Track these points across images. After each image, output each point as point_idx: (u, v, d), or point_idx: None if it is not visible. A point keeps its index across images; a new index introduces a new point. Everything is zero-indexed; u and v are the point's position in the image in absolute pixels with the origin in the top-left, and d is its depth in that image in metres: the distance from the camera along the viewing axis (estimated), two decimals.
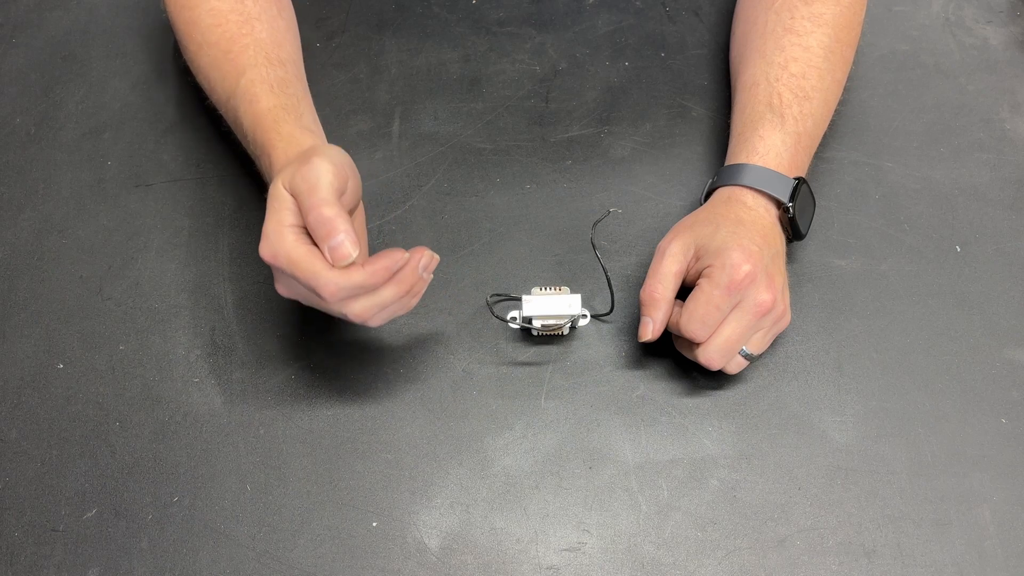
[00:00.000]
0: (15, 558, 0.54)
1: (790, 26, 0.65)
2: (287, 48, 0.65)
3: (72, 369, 0.60)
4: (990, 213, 0.68)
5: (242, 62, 0.61)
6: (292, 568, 0.54)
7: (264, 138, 0.56)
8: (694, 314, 0.54)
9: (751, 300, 0.55)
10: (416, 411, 0.59)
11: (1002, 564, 0.54)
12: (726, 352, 0.55)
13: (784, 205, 0.59)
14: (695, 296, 0.55)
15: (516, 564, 0.54)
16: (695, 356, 0.56)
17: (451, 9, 0.79)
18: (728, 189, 0.60)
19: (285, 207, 0.49)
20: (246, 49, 0.61)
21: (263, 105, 0.58)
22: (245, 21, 0.63)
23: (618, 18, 0.79)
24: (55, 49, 0.77)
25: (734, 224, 0.57)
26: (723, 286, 0.54)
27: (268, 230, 0.49)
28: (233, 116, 0.61)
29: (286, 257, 0.48)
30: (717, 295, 0.54)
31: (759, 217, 0.58)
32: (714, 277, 0.54)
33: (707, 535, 0.55)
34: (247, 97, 0.59)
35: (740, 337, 0.55)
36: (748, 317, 0.55)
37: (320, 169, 0.48)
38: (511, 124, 0.72)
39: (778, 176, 0.59)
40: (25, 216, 0.67)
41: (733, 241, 0.55)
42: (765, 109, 0.62)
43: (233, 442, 0.58)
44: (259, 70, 0.60)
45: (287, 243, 0.48)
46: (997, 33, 0.79)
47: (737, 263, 0.54)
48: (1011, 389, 0.60)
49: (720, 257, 0.54)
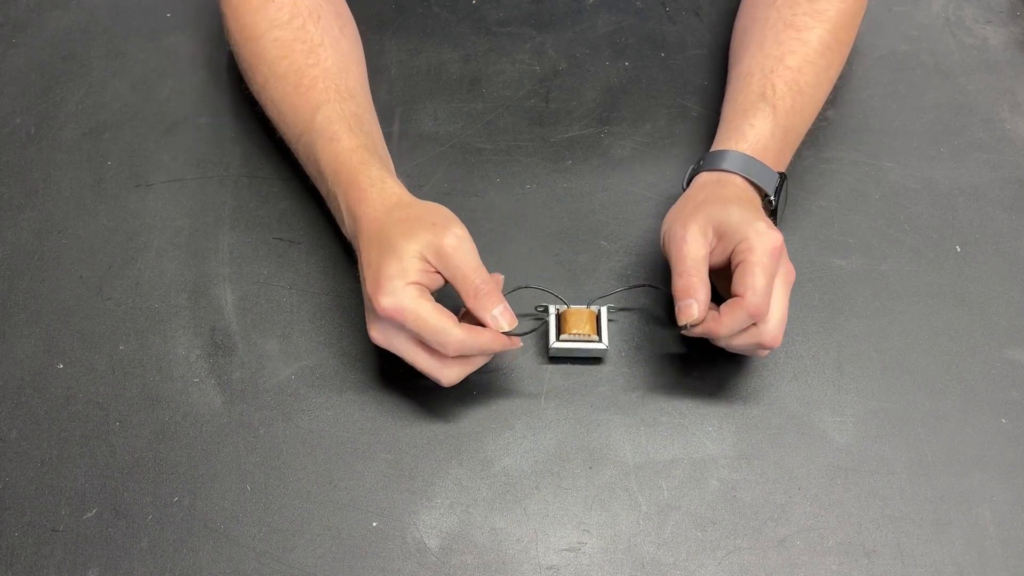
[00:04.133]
0: (15, 558, 0.54)
1: (791, 21, 0.65)
2: (354, 73, 0.65)
3: (72, 369, 0.60)
4: (990, 213, 0.68)
5: (314, 97, 0.61)
6: (292, 568, 0.54)
7: (350, 179, 0.58)
8: (756, 288, 0.52)
9: (783, 270, 0.54)
10: (416, 411, 0.59)
11: (1002, 564, 0.54)
12: (782, 323, 0.54)
13: (767, 197, 0.59)
14: (747, 271, 0.52)
15: (516, 564, 0.54)
16: (756, 340, 0.54)
17: (451, 9, 0.79)
18: (716, 173, 0.59)
19: (414, 268, 0.52)
20: (315, 82, 0.62)
21: (344, 145, 0.59)
22: (311, 51, 0.63)
23: (618, 18, 0.79)
24: (55, 49, 0.77)
25: (738, 201, 0.56)
26: (769, 252, 0.52)
27: (394, 286, 0.52)
28: (307, 152, 0.62)
29: (413, 312, 0.51)
30: (768, 262, 0.52)
31: (753, 197, 0.58)
32: (756, 248, 0.52)
33: (707, 535, 0.55)
34: (326, 135, 0.59)
35: (787, 307, 0.54)
36: (786, 288, 0.54)
37: (468, 246, 0.54)
38: (511, 124, 0.72)
39: (762, 166, 0.59)
40: (25, 216, 0.67)
41: (751, 213, 0.54)
42: (758, 99, 0.62)
43: (233, 442, 0.58)
44: (333, 107, 0.61)
45: (413, 298, 0.52)
46: (997, 33, 0.79)
47: (769, 230, 0.53)
48: (1011, 389, 0.60)
49: (751, 227, 0.53)
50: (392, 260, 0.52)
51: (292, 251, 0.65)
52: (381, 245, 0.54)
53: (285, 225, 0.67)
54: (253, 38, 0.64)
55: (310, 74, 0.62)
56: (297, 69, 0.62)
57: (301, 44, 0.63)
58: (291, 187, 0.68)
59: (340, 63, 0.64)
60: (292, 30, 0.64)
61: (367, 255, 0.54)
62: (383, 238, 0.54)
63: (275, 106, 0.64)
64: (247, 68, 0.66)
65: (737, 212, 0.54)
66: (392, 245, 0.53)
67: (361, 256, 0.55)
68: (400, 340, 0.54)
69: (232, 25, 0.66)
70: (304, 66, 0.62)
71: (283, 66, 0.63)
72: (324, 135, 0.60)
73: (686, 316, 0.54)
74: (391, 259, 0.52)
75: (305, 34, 0.64)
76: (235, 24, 0.66)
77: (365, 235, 0.55)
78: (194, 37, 0.77)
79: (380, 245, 0.54)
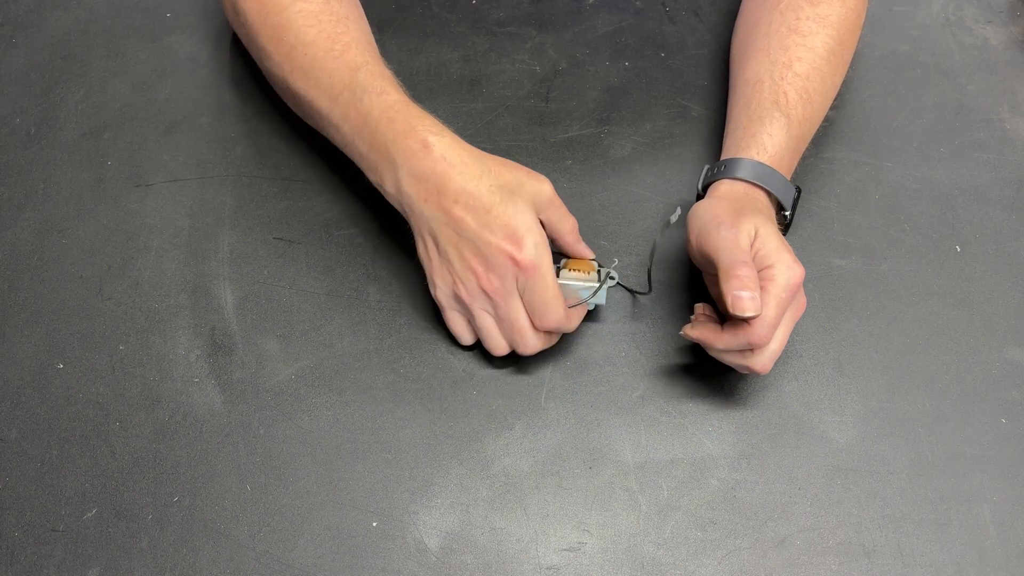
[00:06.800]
0: (15, 558, 0.54)
1: (795, 26, 0.65)
2: (376, 47, 0.64)
3: (72, 369, 0.60)
4: (990, 213, 0.68)
5: (351, 59, 0.60)
6: (292, 568, 0.54)
7: (408, 124, 0.56)
8: (765, 319, 0.52)
9: (796, 304, 0.55)
10: (416, 411, 0.59)
11: (1002, 564, 0.54)
12: (777, 354, 0.54)
13: (782, 212, 0.60)
14: (763, 300, 0.52)
15: (516, 564, 0.54)
16: (747, 363, 0.54)
17: (451, 9, 0.79)
18: (742, 184, 0.59)
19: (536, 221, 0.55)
20: (349, 47, 0.61)
21: (395, 97, 0.58)
22: (339, 20, 0.63)
23: (618, 18, 0.79)
24: (55, 49, 0.77)
25: (770, 221, 0.56)
26: (788, 288, 0.53)
27: (535, 239, 0.53)
28: (347, 110, 0.59)
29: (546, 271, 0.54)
30: (784, 297, 0.53)
31: (771, 214, 0.59)
32: (778, 280, 0.53)
33: (707, 535, 0.55)
34: (373, 90, 0.58)
35: (786, 339, 0.55)
36: (792, 320, 0.55)
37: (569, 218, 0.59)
38: (511, 124, 0.72)
39: (784, 180, 0.60)
40: (25, 216, 0.67)
41: (781, 241, 0.55)
42: (772, 107, 0.62)
43: (233, 442, 0.58)
44: (373, 67, 0.60)
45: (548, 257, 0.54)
46: (997, 33, 0.79)
47: (794, 264, 0.53)
48: (1011, 389, 0.60)
49: (780, 257, 0.53)
50: (522, 209, 0.54)
51: (292, 251, 0.65)
52: (499, 193, 0.54)
53: (285, 225, 0.67)
54: (276, 11, 0.63)
55: (342, 40, 0.61)
56: (328, 35, 0.62)
57: (328, 15, 0.63)
58: (291, 187, 0.68)
59: (367, 36, 0.64)
60: (317, 3, 0.63)
61: (478, 199, 0.53)
62: (498, 184, 0.54)
63: (304, 73, 0.62)
64: (268, 42, 0.64)
65: (773, 235, 0.55)
66: (512, 193, 0.54)
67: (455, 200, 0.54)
68: (515, 295, 0.55)
69: (248, 4, 0.65)
70: (335, 33, 0.62)
71: (312, 33, 0.62)
72: (372, 90, 0.58)
73: (752, 308, 0.51)
74: (520, 208, 0.54)
75: (330, 7, 0.63)
76: (252, 3, 0.65)
77: (459, 175, 0.54)
78: (194, 37, 0.77)
79: (495, 193, 0.54)
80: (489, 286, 0.54)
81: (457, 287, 0.56)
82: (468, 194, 0.54)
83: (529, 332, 0.56)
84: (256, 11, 0.65)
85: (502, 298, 0.55)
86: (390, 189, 0.58)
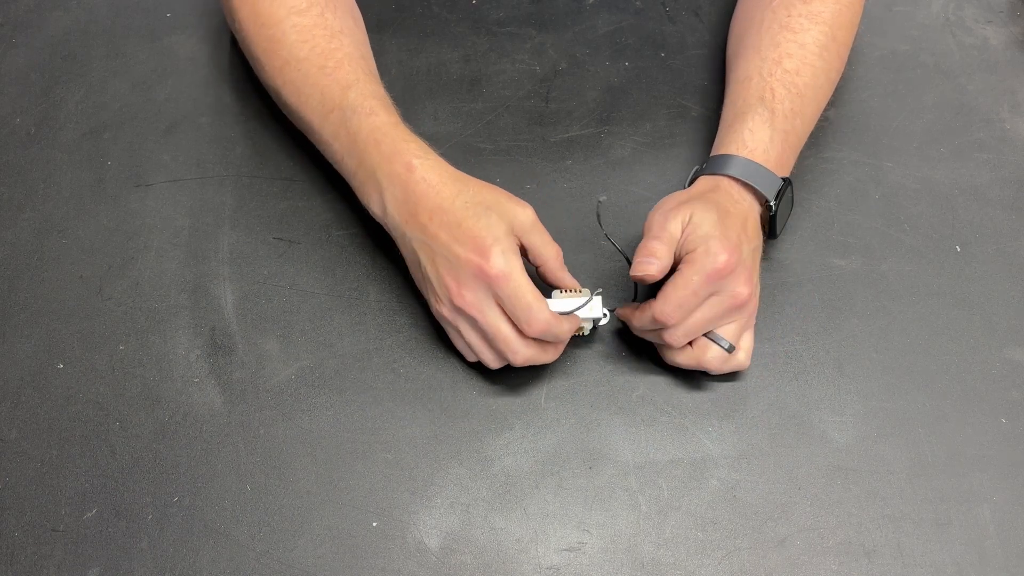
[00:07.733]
0: (15, 558, 0.54)
1: (786, 23, 0.65)
2: (371, 61, 0.65)
3: (72, 369, 0.60)
4: (990, 213, 0.68)
5: (342, 77, 0.61)
6: (292, 568, 0.54)
7: (394, 148, 0.57)
8: (671, 297, 0.54)
9: (728, 291, 0.55)
10: (416, 411, 0.59)
11: (1002, 564, 0.54)
12: (691, 333, 0.56)
13: (767, 203, 0.59)
14: (674, 280, 0.55)
15: (516, 564, 0.54)
16: (661, 339, 0.56)
17: (451, 9, 0.79)
18: (715, 178, 0.60)
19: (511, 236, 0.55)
20: (341, 64, 0.61)
21: (383, 119, 0.59)
22: (332, 36, 0.63)
23: (618, 18, 0.79)
24: (55, 49, 0.77)
25: (722, 214, 0.56)
26: (704, 273, 0.54)
27: (503, 248, 0.53)
28: (337, 129, 0.60)
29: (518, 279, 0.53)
30: (696, 281, 0.54)
31: (743, 211, 0.58)
32: (696, 263, 0.54)
33: (707, 535, 0.55)
34: (362, 110, 0.59)
35: (708, 322, 0.56)
36: (722, 307, 0.55)
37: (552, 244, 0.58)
38: (511, 124, 0.72)
39: (765, 171, 0.59)
40: (25, 216, 0.67)
41: (718, 230, 0.55)
42: (756, 102, 0.62)
43: (233, 442, 0.58)
44: (364, 86, 0.60)
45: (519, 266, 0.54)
46: (997, 33, 0.79)
47: (719, 252, 0.54)
48: (1011, 389, 0.60)
49: (705, 244, 0.55)
50: (494, 223, 0.54)
51: (292, 251, 0.65)
52: (472, 208, 0.54)
53: (285, 225, 0.67)
54: (271, 24, 0.64)
55: (335, 56, 0.62)
56: (321, 52, 0.62)
57: (322, 30, 0.63)
58: (291, 187, 0.68)
59: (361, 51, 0.64)
60: (312, 17, 0.63)
61: (451, 214, 0.54)
62: (473, 201, 0.55)
63: (296, 88, 0.63)
64: (261, 54, 0.65)
65: (710, 222, 0.55)
66: (488, 209, 0.54)
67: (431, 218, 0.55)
68: (492, 307, 0.54)
69: (243, 14, 0.65)
70: (328, 49, 0.62)
71: (305, 49, 0.62)
72: (360, 110, 0.59)
73: (643, 270, 0.55)
74: (492, 222, 0.54)
75: (324, 21, 0.63)
76: (248, 12, 0.65)
77: (436, 195, 0.55)
78: (194, 37, 0.77)
79: (468, 208, 0.54)
80: (462, 301, 0.54)
81: (439, 305, 0.56)
82: (443, 211, 0.55)
83: (515, 341, 0.55)
84: (251, 21, 0.65)
85: (478, 311, 0.55)
86: (377, 211, 0.59)
